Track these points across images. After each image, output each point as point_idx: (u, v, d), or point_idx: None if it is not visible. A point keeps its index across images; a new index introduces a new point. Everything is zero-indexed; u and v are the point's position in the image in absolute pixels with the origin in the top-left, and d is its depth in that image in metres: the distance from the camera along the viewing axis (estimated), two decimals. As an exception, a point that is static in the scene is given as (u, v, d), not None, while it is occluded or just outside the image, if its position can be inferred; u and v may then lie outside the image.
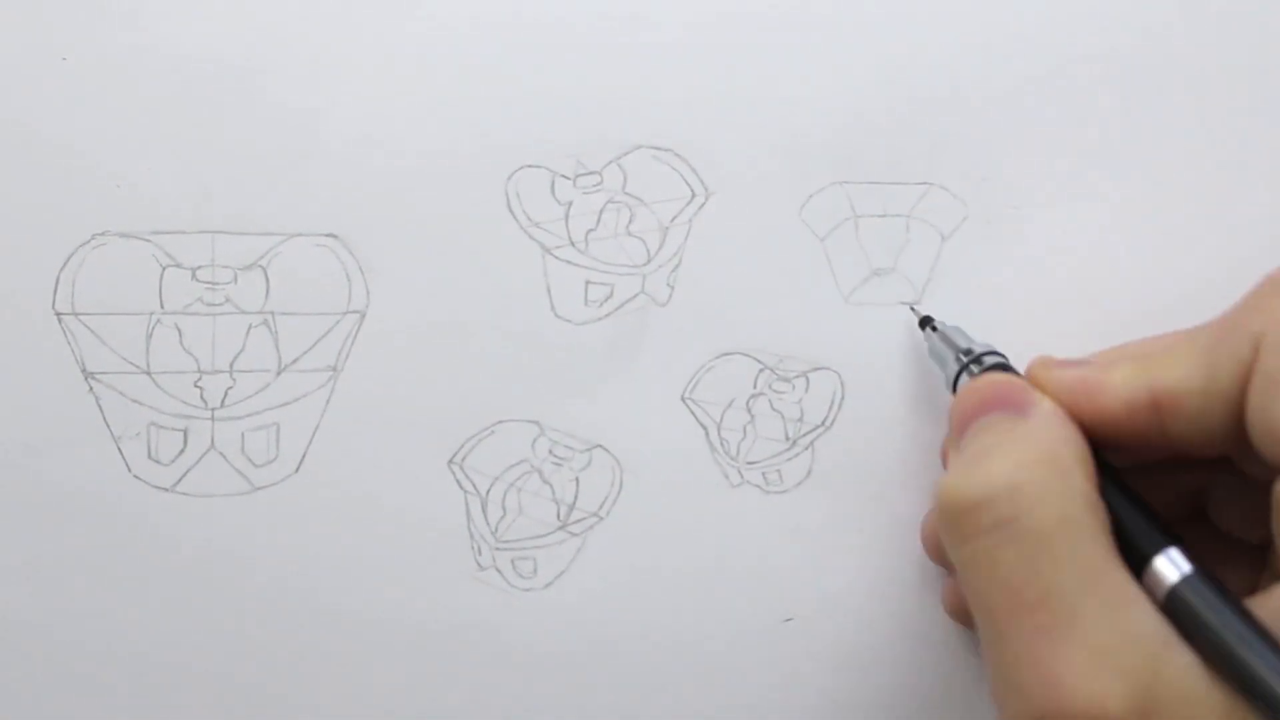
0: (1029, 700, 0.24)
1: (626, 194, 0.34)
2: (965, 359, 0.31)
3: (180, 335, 0.33)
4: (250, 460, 0.33)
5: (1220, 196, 0.35)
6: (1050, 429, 0.27)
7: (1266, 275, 0.27)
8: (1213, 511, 0.31)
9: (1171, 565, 0.25)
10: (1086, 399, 0.28)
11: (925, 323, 0.34)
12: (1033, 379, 0.29)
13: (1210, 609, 0.24)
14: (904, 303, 0.34)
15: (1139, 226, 0.35)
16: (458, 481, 0.34)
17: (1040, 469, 0.26)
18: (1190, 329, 0.29)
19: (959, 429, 0.29)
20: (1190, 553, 0.26)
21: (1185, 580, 0.25)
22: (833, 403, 0.35)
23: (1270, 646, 0.23)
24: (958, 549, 0.26)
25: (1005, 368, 0.31)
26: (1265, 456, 0.26)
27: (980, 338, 0.32)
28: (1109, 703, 0.23)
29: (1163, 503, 0.29)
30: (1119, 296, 0.35)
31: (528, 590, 0.34)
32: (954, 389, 0.31)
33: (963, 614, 0.33)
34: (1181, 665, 0.24)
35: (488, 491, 0.34)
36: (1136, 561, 0.26)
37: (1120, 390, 0.28)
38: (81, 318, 0.33)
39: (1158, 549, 0.26)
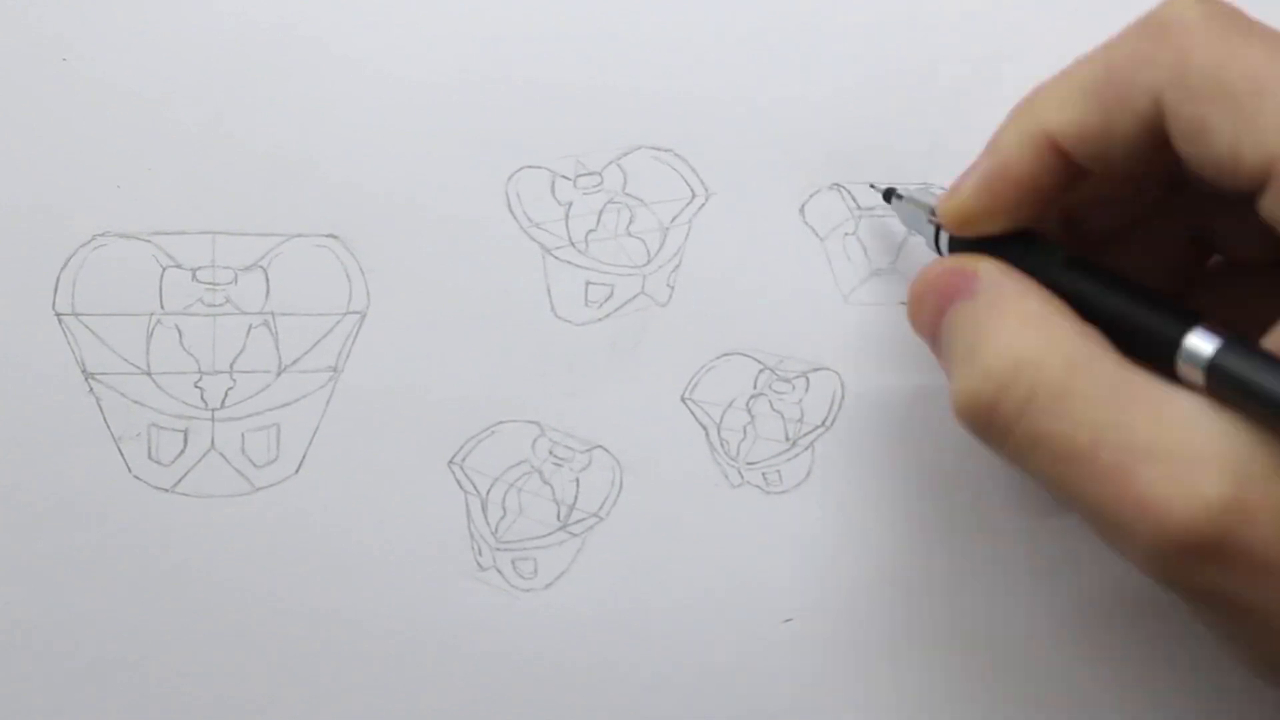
0: (1139, 534, 0.24)
1: (626, 194, 0.34)
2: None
3: (180, 336, 0.33)
4: (250, 461, 0.33)
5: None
6: (1005, 291, 0.27)
7: (1148, 14, 0.27)
8: (1218, 241, 0.30)
9: (1200, 343, 0.24)
10: (1000, 181, 0.28)
11: (889, 195, 0.33)
12: (945, 212, 0.29)
13: (1252, 371, 0.23)
14: (872, 185, 0.34)
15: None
16: (458, 482, 0.34)
17: (1023, 333, 0.26)
18: (1063, 71, 0.28)
19: (931, 339, 0.29)
20: (1212, 323, 0.25)
21: (1219, 354, 0.24)
22: (833, 403, 0.35)
23: None
24: (1001, 449, 0.26)
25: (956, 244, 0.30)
26: (1219, 187, 0.25)
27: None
28: (1206, 491, 0.23)
29: (1165, 262, 0.30)
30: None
31: (528, 591, 0.34)
32: (937, 248, 0.31)
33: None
34: (1241, 426, 0.23)
35: (488, 492, 0.34)
36: (1163, 357, 0.25)
37: (1019, 150, 0.28)
38: (81, 318, 0.33)
39: (1178, 335, 0.25)
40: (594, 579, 0.34)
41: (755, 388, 0.34)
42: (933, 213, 0.31)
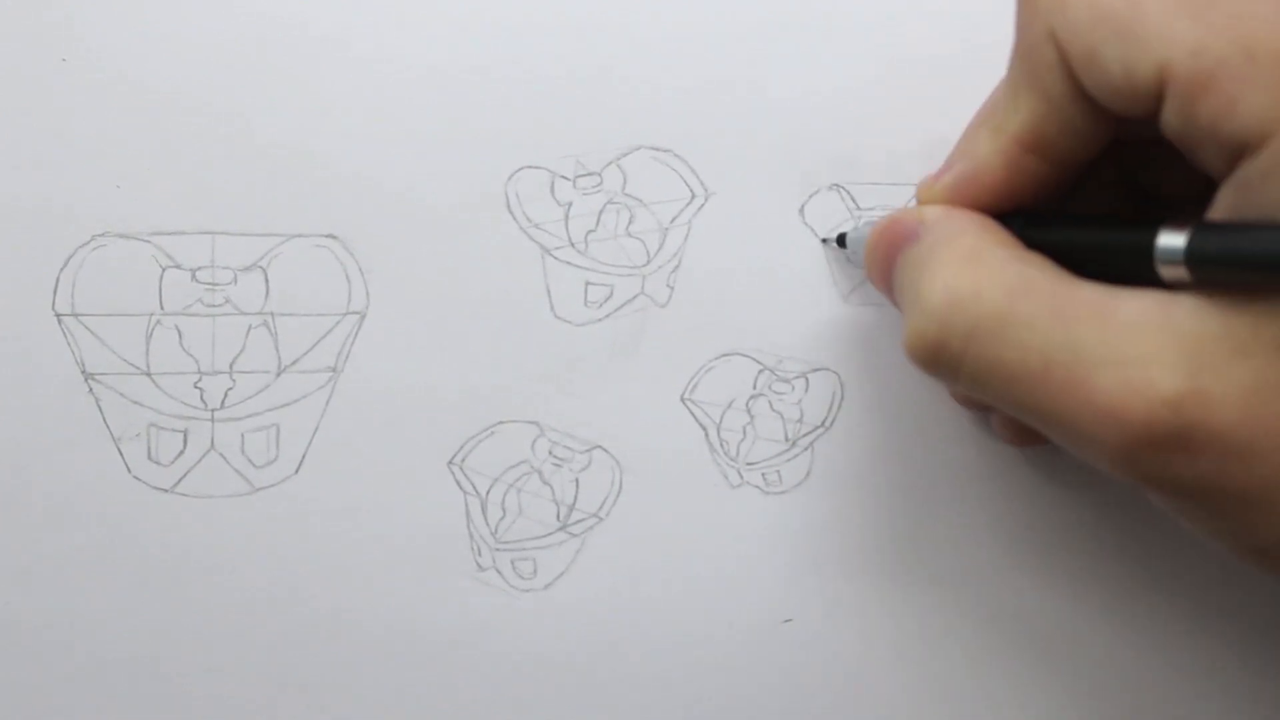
0: (1103, 445, 0.24)
1: (626, 195, 0.34)
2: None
3: (180, 336, 0.33)
4: (250, 461, 0.33)
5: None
6: (945, 231, 0.28)
7: None
8: (1153, 192, 0.31)
9: (1171, 239, 0.24)
10: (976, 187, 0.28)
11: (841, 241, 0.34)
12: (923, 203, 0.30)
13: (1232, 240, 0.23)
14: (824, 239, 0.34)
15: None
16: (457, 482, 0.34)
17: (959, 268, 0.26)
18: (1003, 77, 0.29)
19: (883, 287, 0.30)
20: (1172, 221, 0.24)
21: (1195, 234, 0.24)
22: (833, 403, 0.35)
23: None
24: (956, 384, 0.27)
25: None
26: (1141, 107, 0.25)
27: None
28: (1161, 386, 0.23)
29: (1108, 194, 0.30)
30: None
31: (528, 591, 0.34)
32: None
33: (1016, 431, 0.33)
34: (1190, 310, 0.23)
35: (487, 492, 0.34)
36: (1142, 270, 0.25)
37: (994, 160, 0.28)
38: (81, 318, 0.33)
39: (1149, 240, 0.24)
40: (594, 579, 0.34)
41: (755, 388, 0.34)
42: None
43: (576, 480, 0.34)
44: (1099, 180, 0.30)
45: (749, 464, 0.34)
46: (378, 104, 0.33)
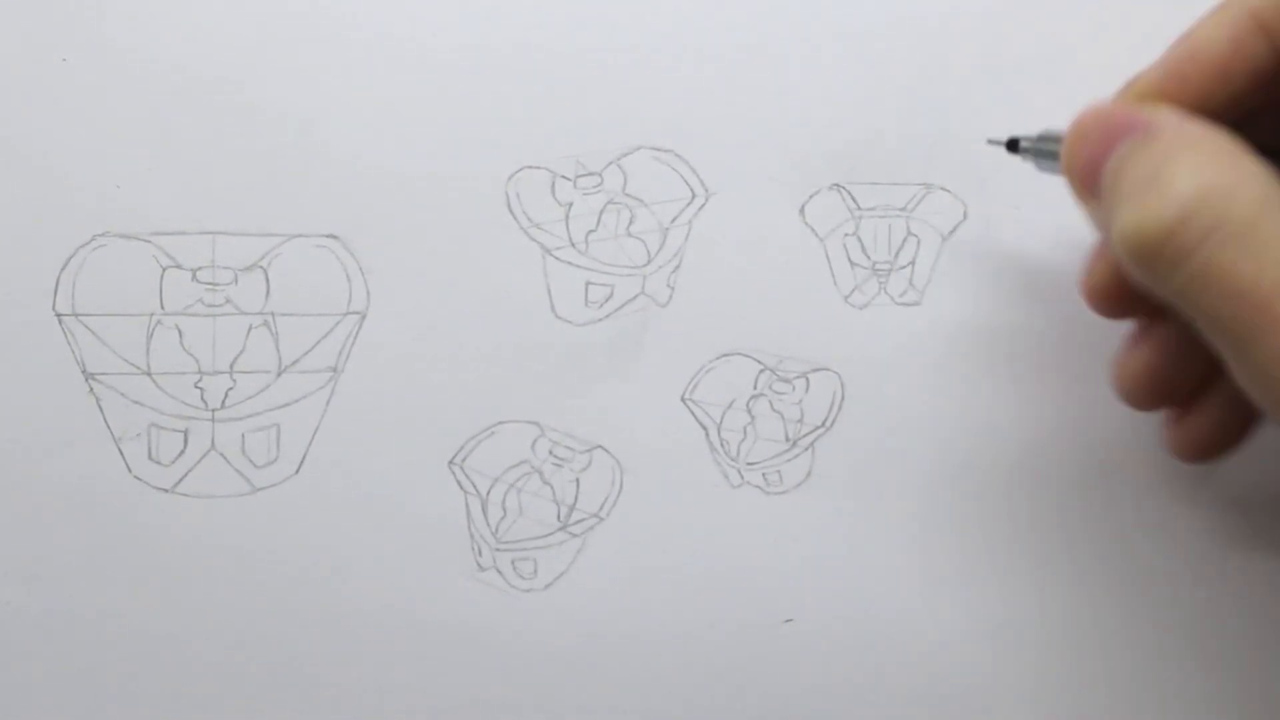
0: None
1: (627, 195, 0.34)
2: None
3: (180, 336, 0.33)
4: (251, 461, 0.33)
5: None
6: (1190, 128, 0.25)
7: None
8: None
9: None
10: (1194, 67, 0.27)
11: (1013, 146, 0.32)
12: (1135, 94, 0.28)
13: None
14: (991, 140, 0.32)
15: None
16: (458, 482, 0.34)
17: (1214, 164, 0.24)
18: None
19: (1089, 176, 0.27)
20: None
21: None
22: (833, 403, 0.35)
23: None
24: (1170, 279, 0.24)
25: None
26: None
27: (980, 338, 0.32)
28: None
29: None
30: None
31: (528, 591, 0.34)
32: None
33: (1109, 298, 0.31)
34: None
35: (488, 492, 0.34)
36: None
37: (1216, 33, 0.27)
38: (82, 318, 0.33)
39: None
40: (594, 579, 0.34)
41: (755, 388, 0.34)
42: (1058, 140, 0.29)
43: (577, 480, 0.34)
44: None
45: (749, 464, 0.34)
46: (379, 104, 0.33)
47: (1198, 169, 0.24)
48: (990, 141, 0.32)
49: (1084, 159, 0.27)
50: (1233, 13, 0.27)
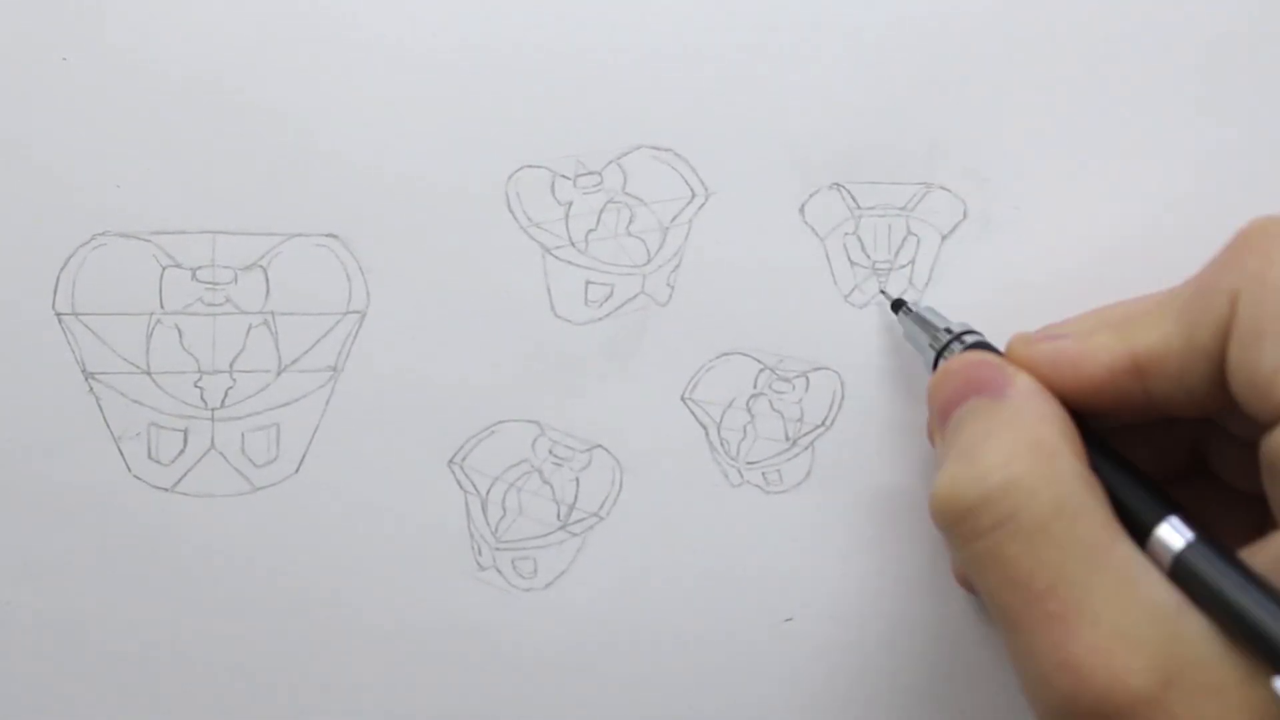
0: (1053, 689, 0.24)
1: (626, 194, 0.34)
2: (945, 338, 0.31)
3: (180, 335, 0.33)
4: (250, 460, 0.33)
5: (1225, 197, 0.35)
6: (1031, 409, 0.27)
7: (1238, 231, 0.27)
8: (1212, 463, 0.30)
9: (1173, 533, 0.25)
10: (1070, 370, 0.28)
11: (898, 306, 0.34)
12: (1012, 356, 0.29)
13: (1215, 573, 0.24)
14: (880, 291, 0.34)
15: (1140, 226, 0.35)
16: (458, 481, 0.34)
17: (1028, 457, 0.26)
18: (1166, 291, 0.29)
19: (940, 416, 0.29)
20: (1190, 518, 0.25)
21: (1188, 548, 0.25)
22: (833, 403, 0.35)
23: (1276, 601, 0.23)
24: (961, 551, 0.26)
25: (984, 346, 0.31)
26: (1248, 411, 0.26)
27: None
28: (1130, 679, 0.23)
29: (1161, 458, 0.29)
30: (1119, 297, 0.35)
31: (528, 590, 0.34)
32: (935, 370, 0.31)
33: (970, 585, 0.33)
34: (1196, 632, 0.24)
35: (488, 491, 0.34)
36: (1139, 532, 0.25)
37: (1101, 357, 0.28)
38: (81, 318, 0.33)
39: (1158, 518, 0.25)
40: (594, 579, 0.34)
41: (755, 387, 0.34)
42: (943, 333, 0.31)
43: (577, 479, 0.34)
44: (1160, 428, 0.30)
45: (749, 463, 0.34)
46: (378, 103, 0.33)
47: (1012, 458, 0.26)
48: (881, 292, 0.34)
49: (941, 400, 0.29)
50: (1120, 349, 0.28)
